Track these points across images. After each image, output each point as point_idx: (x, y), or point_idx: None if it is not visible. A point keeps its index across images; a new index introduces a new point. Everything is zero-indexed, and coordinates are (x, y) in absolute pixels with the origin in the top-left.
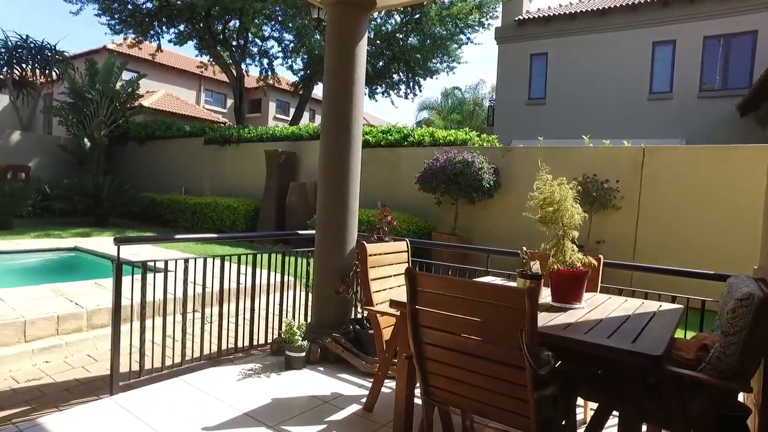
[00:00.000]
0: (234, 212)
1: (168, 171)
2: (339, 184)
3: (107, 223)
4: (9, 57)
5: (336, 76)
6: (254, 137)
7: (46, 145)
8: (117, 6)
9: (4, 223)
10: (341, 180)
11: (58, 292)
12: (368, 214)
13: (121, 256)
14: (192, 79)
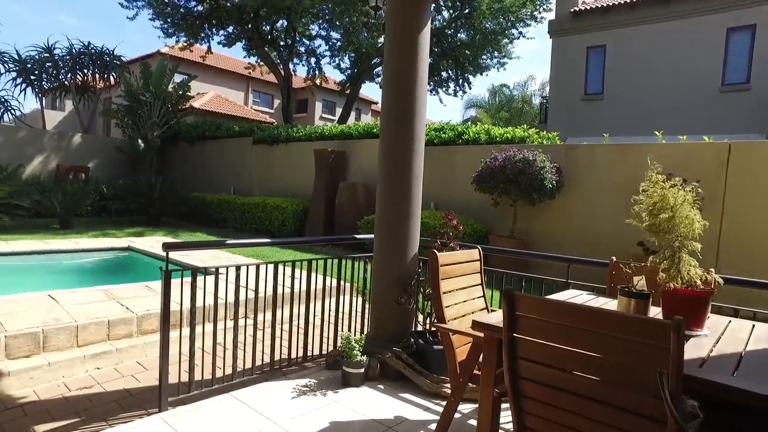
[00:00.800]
0: (283, 212)
1: (217, 171)
2: (400, 184)
3: (159, 222)
4: (73, 63)
5: (397, 68)
6: (303, 136)
7: (103, 147)
8: (170, 10)
9: (67, 221)
10: (402, 180)
11: (110, 295)
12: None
13: (171, 258)
14: (240, 80)
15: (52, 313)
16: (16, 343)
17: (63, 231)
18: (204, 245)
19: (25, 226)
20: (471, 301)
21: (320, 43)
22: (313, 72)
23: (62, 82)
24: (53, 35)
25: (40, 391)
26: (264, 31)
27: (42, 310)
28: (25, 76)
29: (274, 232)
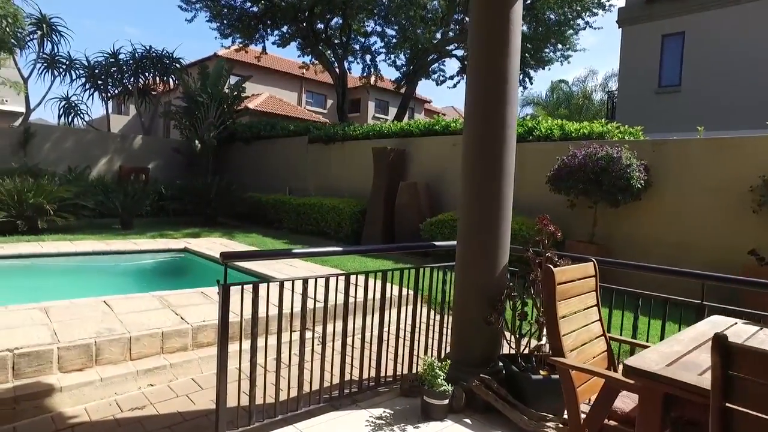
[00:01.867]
0: (339, 213)
1: (273, 171)
2: (488, 184)
3: (215, 222)
4: (136, 67)
5: (485, 50)
6: (360, 135)
7: (162, 148)
8: (226, 11)
9: (127, 222)
10: (491, 179)
11: (164, 302)
12: None
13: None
14: (294, 81)
15: (105, 323)
16: (69, 356)
17: (123, 231)
18: (268, 255)
19: (89, 226)
20: (587, 326)
21: (375, 40)
22: (368, 70)
23: (126, 86)
24: (118, 41)
25: (91, 409)
26: (318, 30)
27: (96, 318)
28: (93, 81)
29: (330, 234)
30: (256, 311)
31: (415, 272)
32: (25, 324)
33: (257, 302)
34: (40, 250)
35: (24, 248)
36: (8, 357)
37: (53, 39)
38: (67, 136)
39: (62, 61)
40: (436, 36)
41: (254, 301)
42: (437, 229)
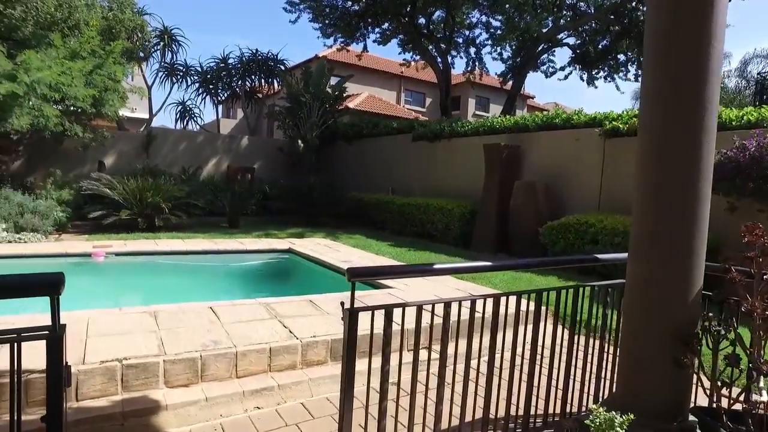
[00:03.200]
0: (447, 215)
1: (375, 170)
2: (677, 182)
3: (317, 222)
4: (243, 71)
5: (672, 16)
6: (469, 131)
7: (266, 148)
8: (328, 11)
9: (234, 221)
10: (683, 175)
11: (271, 311)
12: (627, 224)
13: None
14: (392, 80)
15: (211, 334)
16: (175, 370)
17: (230, 230)
18: (404, 272)
19: (199, 224)
20: None
21: (480, 31)
22: (472, 64)
23: (234, 89)
24: (228, 47)
25: None
26: (420, 25)
27: (202, 327)
28: (205, 86)
29: (437, 237)
30: (388, 341)
31: (573, 293)
32: (135, 330)
33: (390, 332)
34: (155, 248)
35: (142, 245)
36: (117, 368)
37: (173, 48)
38: (181, 139)
39: (180, 68)
40: (546, 24)
41: (386, 331)
42: (560, 234)
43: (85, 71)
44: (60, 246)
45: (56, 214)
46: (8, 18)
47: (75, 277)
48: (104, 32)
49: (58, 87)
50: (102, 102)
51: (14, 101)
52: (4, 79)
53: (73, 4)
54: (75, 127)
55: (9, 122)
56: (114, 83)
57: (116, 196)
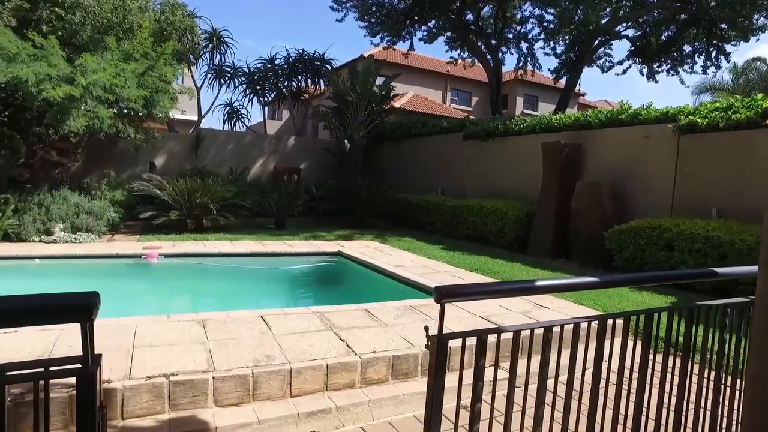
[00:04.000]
0: (502, 217)
1: (423, 170)
2: None
3: (365, 223)
4: (290, 71)
5: None
6: (524, 129)
7: (312, 148)
8: (374, 9)
9: (281, 222)
10: None
11: (325, 322)
12: (707, 227)
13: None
14: (438, 79)
15: (263, 347)
16: (225, 387)
17: (278, 231)
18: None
19: (247, 225)
20: None
21: (531, 26)
22: (524, 60)
23: (280, 89)
24: (274, 47)
25: None
26: (468, 21)
27: (253, 339)
28: (252, 87)
29: (491, 240)
30: (480, 376)
31: (687, 314)
32: (183, 340)
33: (483, 364)
34: (204, 250)
35: (191, 247)
36: (164, 385)
37: (221, 50)
38: (229, 140)
39: (228, 70)
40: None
41: (478, 364)
42: (629, 239)
43: (137, 73)
44: (112, 247)
45: (109, 215)
46: (69, 23)
47: (126, 280)
48: (156, 34)
49: (112, 89)
50: (153, 103)
51: (71, 103)
52: (62, 82)
53: (128, 6)
54: (128, 128)
55: (67, 124)
56: (165, 84)
57: (166, 196)
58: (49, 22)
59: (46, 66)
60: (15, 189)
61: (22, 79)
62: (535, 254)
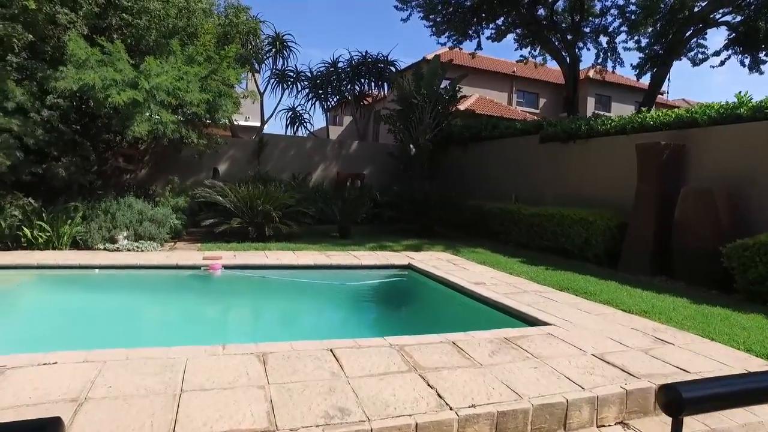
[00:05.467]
0: (588, 227)
1: (494, 176)
2: None
3: (432, 232)
4: (352, 74)
5: None
6: (612, 129)
7: (375, 153)
8: (440, 7)
9: (345, 230)
10: None
11: (407, 359)
12: None
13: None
14: (503, 80)
15: (335, 395)
16: None
17: (342, 240)
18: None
19: (309, 234)
20: None
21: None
22: (603, 55)
23: (343, 93)
24: (337, 50)
25: None
26: (540, 17)
27: (322, 383)
28: (315, 91)
29: (574, 253)
30: None
31: None
32: (239, 383)
33: None
34: (265, 261)
35: (252, 258)
36: None
37: (284, 54)
38: (291, 145)
39: (290, 74)
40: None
41: None
42: (757, 257)
43: (200, 76)
44: (172, 257)
45: (172, 222)
46: (135, 28)
47: (182, 294)
48: (219, 38)
49: (174, 92)
50: (215, 107)
51: (135, 108)
52: (127, 87)
53: (192, 7)
54: (191, 133)
55: (131, 130)
56: (227, 88)
57: (227, 203)
58: (118, 29)
59: (112, 71)
60: (85, 196)
61: (90, 85)
62: (628, 270)
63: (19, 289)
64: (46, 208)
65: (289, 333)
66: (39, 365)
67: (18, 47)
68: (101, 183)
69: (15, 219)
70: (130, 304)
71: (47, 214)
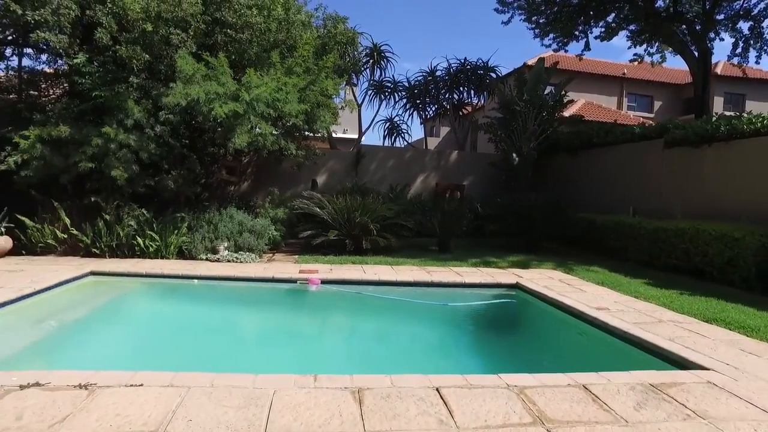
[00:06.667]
0: (732, 246)
1: (607, 186)
2: None
3: (539, 247)
4: (451, 83)
5: None
6: (764, 128)
7: (475, 163)
8: (544, 7)
9: (445, 243)
10: None
11: (529, 407)
12: None
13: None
14: (612, 83)
15: None
16: None
17: (442, 255)
18: None
19: (408, 247)
20: None
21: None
22: (744, 44)
23: (441, 102)
24: (435, 58)
25: None
26: (659, 8)
27: None
28: (413, 101)
29: (713, 275)
30: None
31: None
32: (329, 426)
33: None
34: (362, 276)
35: (349, 272)
36: None
37: (381, 65)
38: (389, 156)
39: (387, 85)
40: None
41: None
42: None
43: (298, 87)
44: (269, 269)
45: (271, 233)
46: (239, 43)
47: (276, 310)
48: (317, 49)
49: (274, 104)
50: (314, 118)
51: (236, 120)
52: (229, 99)
53: (291, 20)
54: (290, 145)
55: (232, 142)
56: (325, 99)
57: (325, 215)
58: (224, 45)
59: (215, 85)
60: (191, 207)
61: (195, 99)
62: None
63: (126, 296)
64: (156, 219)
65: (386, 360)
66: (125, 386)
67: (137, 68)
68: (207, 195)
69: (131, 229)
70: (222, 317)
71: (157, 225)
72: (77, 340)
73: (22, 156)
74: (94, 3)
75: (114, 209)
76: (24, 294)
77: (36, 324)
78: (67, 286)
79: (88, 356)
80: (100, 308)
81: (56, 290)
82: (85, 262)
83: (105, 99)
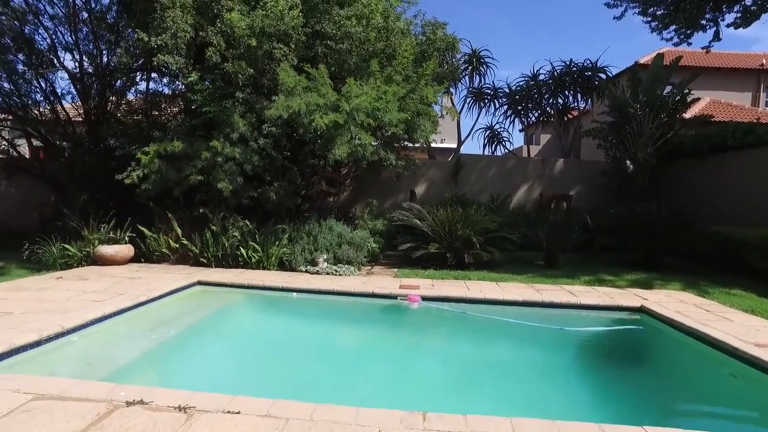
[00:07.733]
0: None
1: (745, 195)
2: None
3: (660, 264)
4: (555, 87)
5: None
6: None
7: (582, 172)
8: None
9: (552, 258)
10: None
11: None
12: None
13: None
14: (745, 77)
15: None
16: None
17: (549, 271)
18: None
19: (512, 261)
20: None
21: None
22: None
23: (544, 108)
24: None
25: None
26: None
27: None
28: (514, 107)
29: None
30: None
31: None
32: None
33: None
34: (466, 293)
35: (451, 289)
36: None
37: (480, 71)
38: (489, 165)
39: (487, 92)
40: None
41: None
42: None
43: (398, 96)
44: (369, 283)
45: (370, 245)
46: (339, 53)
47: (377, 330)
48: (416, 56)
49: (373, 113)
50: (414, 127)
51: (336, 131)
52: (329, 110)
53: (390, 28)
54: (389, 155)
55: (332, 153)
56: (425, 107)
57: (425, 227)
58: (324, 57)
59: (316, 96)
60: (292, 218)
61: (296, 110)
62: None
63: (228, 309)
64: (259, 230)
65: (499, 394)
66: (223, 412)
67: (242, 82)
68: (307, 206)
69: (235, 239)
70: (321, 334)
71: (259, 236)
72: (180, 352)
73: (143, 171)
74: (206, 24)
75: (220, 220)
76: (139, 302)
77: (146, 333)
78: (176, 295)
79: (189, 368)
80: (204, 319)
81: (166, 299)
82: (194, 271)
83: (213, 114)
